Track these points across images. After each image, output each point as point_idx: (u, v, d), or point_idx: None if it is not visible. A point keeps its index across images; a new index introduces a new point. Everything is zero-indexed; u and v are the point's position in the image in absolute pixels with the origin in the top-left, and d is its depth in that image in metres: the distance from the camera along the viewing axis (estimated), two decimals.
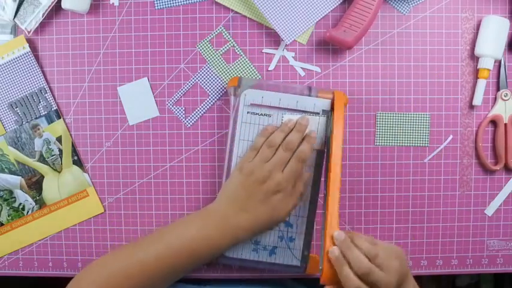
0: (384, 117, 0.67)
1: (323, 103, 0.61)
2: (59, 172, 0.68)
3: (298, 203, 0.61)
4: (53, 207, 0.69)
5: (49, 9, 0.65)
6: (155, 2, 0.67)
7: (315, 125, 0.62)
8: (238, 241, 0.59)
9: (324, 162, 0.62)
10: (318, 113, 0.61)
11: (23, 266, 0.70)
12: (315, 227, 0.63)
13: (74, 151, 0.68)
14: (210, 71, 0.67)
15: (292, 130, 0.61)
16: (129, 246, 0.58)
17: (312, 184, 0.62)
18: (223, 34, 0.67)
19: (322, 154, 0.62)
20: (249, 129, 0.62)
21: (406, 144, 0.67)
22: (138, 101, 0.67)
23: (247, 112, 0.62)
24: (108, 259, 0.57)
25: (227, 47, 0.67)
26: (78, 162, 0.68)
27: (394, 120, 0.67)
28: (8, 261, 0.70)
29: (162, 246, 0.56)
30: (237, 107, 0.62)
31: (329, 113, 0.61)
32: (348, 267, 0.50)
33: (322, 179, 0.62)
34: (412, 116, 0.67)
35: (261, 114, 0.62)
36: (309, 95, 0.62)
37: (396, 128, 0.67)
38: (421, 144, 0.67)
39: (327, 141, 0.61)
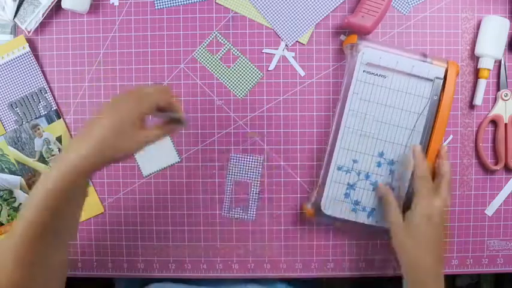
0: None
1: (437, 70, 0.62)
2: None
3: (159, 138, 0.54)
4: None
5: (49, 9, 0.65)
6: (155, 2, 0.67)
7: (421, 94, 0.62)
8: (85, 173, 0.48)
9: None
10: (432, 80, 0.62)
11: None
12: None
13: None
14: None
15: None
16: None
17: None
18: (218, 38, 0.67)
19: (431, 122, 0.62)
20: (363, 88, 0.62)
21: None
22: None
23: (363, 71, 0.62)
24: None
25: (224, 50, 0.67)
26: None
27: None
28: None
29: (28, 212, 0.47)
30: (354, 64, 0.62)
31: (441, 80, 0.62)
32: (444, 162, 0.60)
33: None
34: None
35: (377, 75, 0.62)
36: (424, 61, 0.62)
37: None
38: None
39: (431, 105, 0.62)
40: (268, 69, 0.67)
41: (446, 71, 0.62)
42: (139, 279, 0.70)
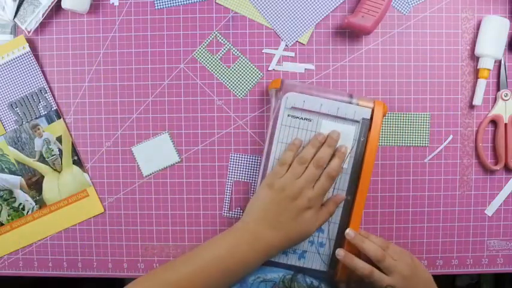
0: (384, 118, 0.67)
1: (364, 111, 0.61)
2: (59, 172, 0.68)
3: (327, 219, 0.62)
4: (53, 207, 0.69)
5: (49, 9, 0.65)
6: (155, 2, 0.67)
7: (347, 136, 0.61)
8: (270, 257, 0.59)
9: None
10: (358, 121, 0.61)
11: (23, 266, 0.70)
12: None
13: (74, 151, 0.68)
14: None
15: (323, 145, 0.61)
16: (162, 269, 0.56)
17: (346, 191, 0.62)
18: (218, 38, 0.67)
19: (359, 163, 0.62)
20: (288, 132, 0.62)
21: (406, 144, 0.67)
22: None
23: (288, 115, 0.62)
24: (142, 283, 0.55)
25: (224, 50, 0.67)
26: (78, 162, 0.68)
27: (394, 120, 0.67)
28: (8, 261, 0.70)
29: (195, 267, 0.55)
30: (278, 109, 0.62)
31: (368, 121, 0.61)
32: (368, 242, 0.59)
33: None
34: (412, 116, 0.67)
35: (302, 118, 0.62)
36: (350, 103, 0.61)
37: (396, 128, 0.67)
38: (422, 144, 0.67)
39: (358, 147, 0.61)
40: (268, 69, 0.67)
41: (373, 111, 0.61)
42: None
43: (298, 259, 0.63)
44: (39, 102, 0.68)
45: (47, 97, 0.68)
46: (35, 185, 0.68)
